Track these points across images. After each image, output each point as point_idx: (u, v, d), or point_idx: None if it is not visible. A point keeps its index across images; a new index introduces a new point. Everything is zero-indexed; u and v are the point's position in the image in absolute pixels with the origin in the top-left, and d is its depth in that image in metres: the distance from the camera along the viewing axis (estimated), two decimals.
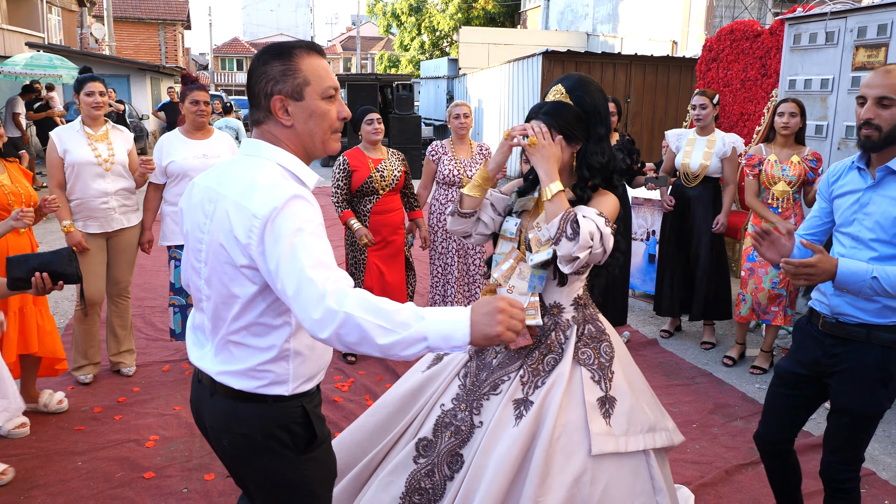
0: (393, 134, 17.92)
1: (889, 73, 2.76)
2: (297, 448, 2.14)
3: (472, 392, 2.81)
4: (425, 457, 2.79)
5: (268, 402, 2.10)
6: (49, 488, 3.85)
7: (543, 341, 2.78)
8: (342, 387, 5.22)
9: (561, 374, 2.68)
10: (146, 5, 42.01)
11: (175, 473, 4.02)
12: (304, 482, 2.19)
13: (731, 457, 4.33)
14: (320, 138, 2.11)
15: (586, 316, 2.84)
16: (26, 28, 23.81)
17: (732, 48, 8.44)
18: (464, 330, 1.82)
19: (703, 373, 5.69)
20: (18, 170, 4.53)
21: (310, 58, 2.07)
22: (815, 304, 3.04)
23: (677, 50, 20.23)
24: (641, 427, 2.70)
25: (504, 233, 2.90)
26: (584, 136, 2.76)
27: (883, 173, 2.82)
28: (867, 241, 2.83)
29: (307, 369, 2.14)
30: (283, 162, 2.07)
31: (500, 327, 1.81)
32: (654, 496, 2.68)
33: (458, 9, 34.16)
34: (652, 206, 7.24)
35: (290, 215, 1.91)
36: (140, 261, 8.99)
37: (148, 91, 26.56)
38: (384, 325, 1.80)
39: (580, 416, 2.62)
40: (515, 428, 2.62)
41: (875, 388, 2.87)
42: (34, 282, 2.93)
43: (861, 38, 5.98)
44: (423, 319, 1.82)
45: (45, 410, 4.69)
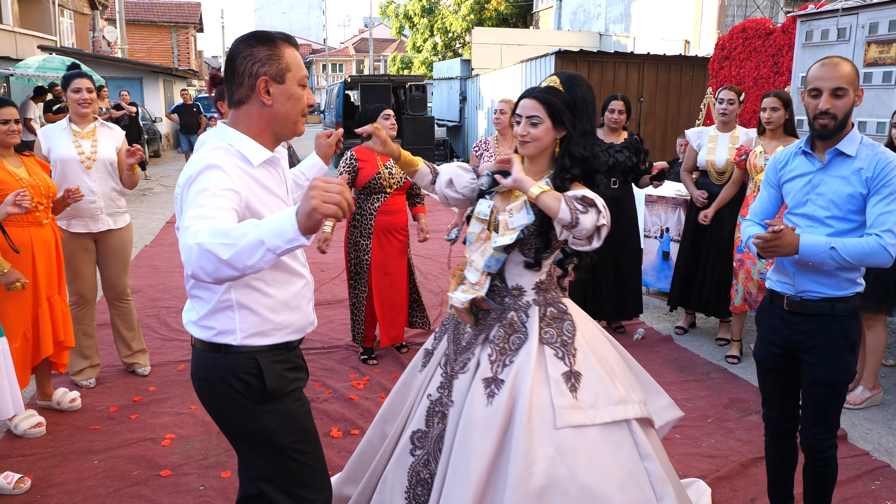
0: (406, 135, 17.93)
1: (838, 66, 2.97)
2: (251, 397, 2.36)
3: (451, 377, 2.91)
4: (421, 448, 2.88)
5: (221, 351, 2.34)
6: (65, 487, 3.88)
7: (503, 319, 2.86)
8: (357, 385, 5.25)
9: (528, 353, 2.75)
10: (159, 8, 42.17)
11: (192, 471, 4.05)
12: (264, 431, 2.39)
13: (746, 450, 4.34)
14: (293, 119, 2.38)
15: (548, 299, 2.90)
16: (39, 31, 23.94)
17: (745, 46, 8.42)
18: (291, 220, 1.88)
19: (717, 368, 5.69)
20: (36, 163, 4.55)
21: (289, 49, 2.33)
22: (776, 285, 3.22)
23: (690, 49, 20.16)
24: (610, 400, 2.74)
25: (478, 214, 2.97)
26: (571, 125, 2.84)
27: (832, 155, 3.03)
28: (822, 218, 3.04)
29: (256, 323, 2.34)
30: (232, 142, 2.31)
31: (314, 201, 1.84)
32: (642, 462, 2.74)
33: (470, 10, 34.14)
34: (665, 203, 7.24)
35: (199, 181, 2.14)
36: (154, 261, 9.09)
37: (161, 94, 26.67)
38: (225, 242, 1.90)
39: (547, 391, 2.69)
40: (490, 407, 2.68)
41: (845, 356, 3.08)
42: None
43: (873, 34, 5.96)
44: (257, 227, 1.92)
45: (59, 408, 4.73)
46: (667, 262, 7.27)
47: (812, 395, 3.17)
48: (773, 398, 3.36)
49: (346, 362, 5.69)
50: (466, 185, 3.08)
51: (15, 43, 21.60)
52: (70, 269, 4.95)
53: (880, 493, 3.92)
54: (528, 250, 2.86)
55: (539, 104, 2.81)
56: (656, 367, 5.66)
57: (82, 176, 4.89)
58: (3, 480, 3.84)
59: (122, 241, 5.18)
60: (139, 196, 14.56)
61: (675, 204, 7.13)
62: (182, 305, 7.16)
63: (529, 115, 2.83)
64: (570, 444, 2.61)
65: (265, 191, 2.33)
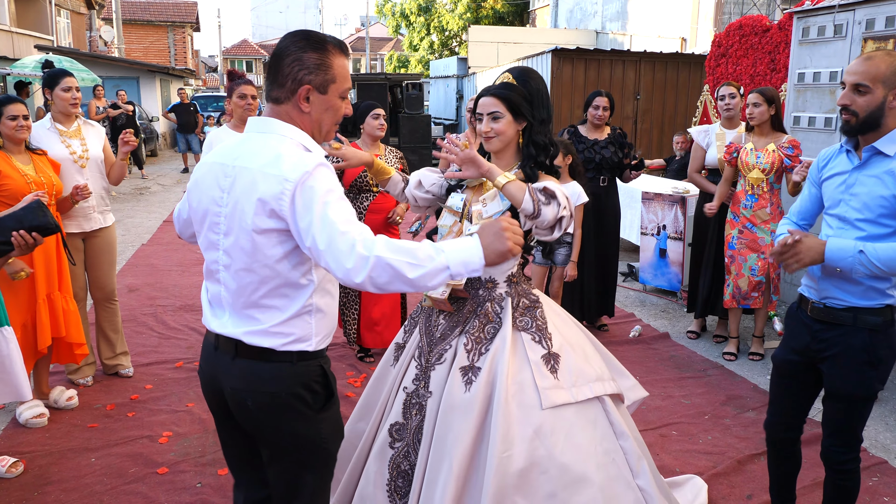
0: (403, 133, 17.92)
1: (868, 61, 2.81)
2: (315, 406, 2.30)
3: (427, 368, 2.92)
4: (400, 440, 2.90)
5: (292, 360, 2.25)
6: (63, 484, 3.88)
7: (479, 311, 2.89)
8: (354, 382, 5.25)
9: (503, 340, 2.79)
10: (155, 8, 42.12)
11: (189, 469, 4.05)
12: (321, 439, 2.34)
13: (743, 447, 4.34)
14: (327, 129, 2.34)
15: (519, 291, 2.94)
16: (35, 31, 23.92)
17: (741, 44, 8.43)
18: (478, 253, 2.07)
19: (714, 365, 5.69)
20: (45, 161, 4.54)
21: (339, 57, 2.26)
22: (805, 290, 3.10)
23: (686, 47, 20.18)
24: (588, 378, 2.81)
25: (451, 206, 3.02)
26: (530, 115, 2.91)
27: (869, 153, 2.88)
28: (853, 220, 2.89)
29: (326, 325, 2.33)
30: (300, 139, 2.24)
31: (509, 242, 2.06)
32: (617, 440, 2.81)
33: (466, 8, 34.14)
34: (662, 200, 7.24)
35: (320, 178, 2.11)
36: (151, 260, 9.09)
37: (158, 93, 26.64)
38: (411, 262, 2.02)
39: (529, 374, 2.73)
40: (467, 394, 2.72)
41: (864, 371, 2.93)
42: (15, 241, 2.91)
43: (869, 31, 5.96)
44: (442, 252, 2.05)
45: (55, 406, 4.71)
46: (664, 260, 7.28)
47: (830, 408, 3.06)
48: (779, 404, 3.26)
49: (342, 360, 5.69)
50: (434, 182, 3.15)
51: (12, 42, 21.57)
52: None
53: (878, 489, 3.92)
54: None
55: (497, 100, 2.89)
56: (653, 365, 5.66)
57: (76, 175, 4.83)
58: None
59: (109, 240, 5.16)
60: (136, 195, 14.54)
61: (671, 201, 7.13)
62: (179, 304, 7.16)
63: (490, 112, 2.90)
64: (549, 424, 2.66)
65: None
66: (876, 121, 2.81)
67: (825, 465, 3.15)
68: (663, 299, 7.50)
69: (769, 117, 5.35)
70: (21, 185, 4.22)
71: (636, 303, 7.43)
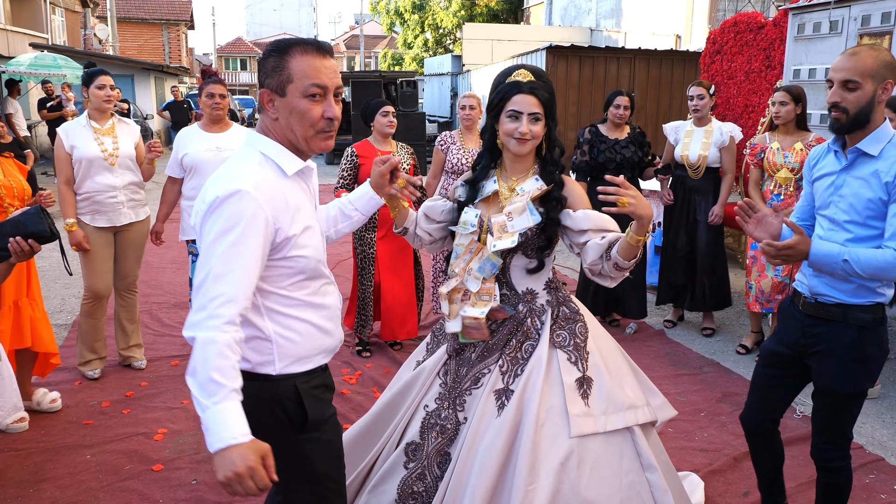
0: (398, 130, 17.86)
1: (854, 56, 2.79)
2: (293, 426, 2.24)
3: (454, 389, 2.79)
4: (414, 460, 2.77)
5: (259, 380, 2.20)
6: (58, 481, 3.87)
7: (520, 328, 2.77)
8: (350, 379, 5.24)
9: (539, 360, 2.68)
10: (149, 6, 42.03)
11: (184, 465, 4.04)
12: (305, 460, 2.28)
13: (739, 444, 4.34)
14: (301, 135, 2.18)
15: (559, 298, 2.84)
16: (30, 29, 23.86)
17: (736, 40, 8.43)
18: (215, 445, 1.89)
19: (710, 362, 5.70)
20: (13, 164, 4.54)
21: (303, 56, 2.13)
22: (798, 285, 3.10)
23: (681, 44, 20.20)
24: (620, 405, 2.68)
25: (464, 226, 2.83)
26: (552, 118, 2.77)
27: (854, 155, 2.87)
28: (842, 222, 2.88)
29: (295, 351, 2.24)
30: (264, 149, 2.19)
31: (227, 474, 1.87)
32: (644, 473, 2.66)
33: (461, 6, 34.14)
34: (657, 197, 7.24)
35: (225, 210, 2.02)
36: (146, 258, 9.01)
37: (152, 91, 26.59)
38: (200, 369, 1.92)
39: (561, 399, 2.62)
40: (498, 419, 2.62)
41: (853, 368, 2.92)
42: (12, 247, 2.89)
43: (865, 27, 5.97)
44: (216, 405, 1.90)
45: (38, 409, 4.66)
46: (658, 257, 7.27)
47: (818, 404, 3.07)
48: (758, 395, 3.26)
49: (337, 357, 5.67)
50: (442, 209, 2.99)
51: (7, 40, 21.50)
52: (88, 264, 4.99)
53: (874, 487, 3.93)
54: (531, 251, 2.77)
55: (538, 101, 2.69)
56: (649, 362, 5.66)
57: (105, 173, 4.94)
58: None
59: (141, 233, 5.27)
60: None
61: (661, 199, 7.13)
62: (174, 301, 7.17)
63: (532, 112, 2.69)
64: (576, 455, 2.55)
65: (293, 206, 2.17)
66: (866, 116, 2.79)
67: (815, 463, 3.15)
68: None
69: (794, 116, 5.30)
70: None
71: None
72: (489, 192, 2.84)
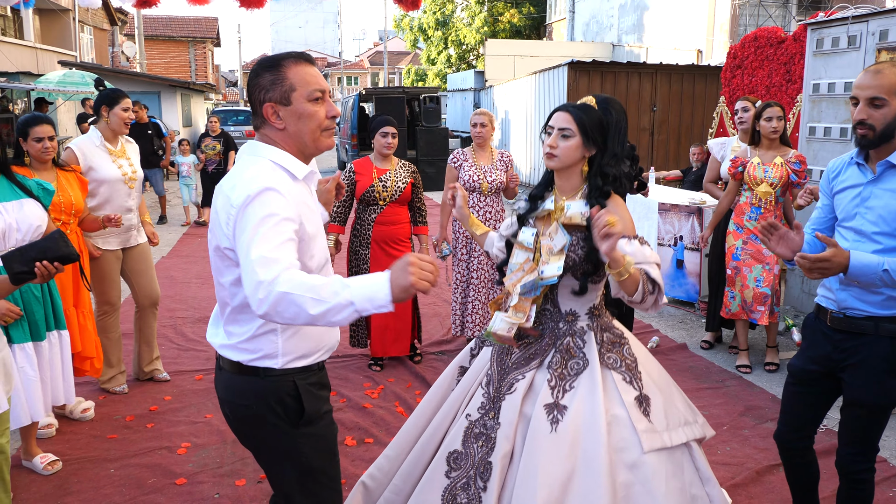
0: (420, 146, 18.01)
1: (878, 74, 2.83)
2: (290, 420, 2.36)
3: (496, 399, 2.81)
4: (458, 469, 2.77)
5: (260, 375, 2.33)
6: (82, 495, 3.93)
7: (559, 344, 2.80)
8: (372, 394, 5.27)
9: (592, 379, 2.69)
10: (176, 24, 42.51)
11: (207, 479, 4.09)
12: (300, 454, 2.39)
13: (761, 458, 4.33)
14: (310, 137, 2.34)
15: (602, 324, 2.86)
16: (59, 47, 24.22)
17: (757, 55, 8.42)
18: (385, 289, 2.00)
19: (732, 376, 5.68)
20: (75, 179, 4.60)
21: (297, 66, 2.30)
22: (822, 300, 3.09)
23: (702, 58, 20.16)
24: (678, 421, 2.74)
25: (522, 243, 2.89)
26: (601, 144, 2.81)
27: (883, 167, 2.88)
28: (870, 234, 2.88)
29: (298, 346, 2.36)
30: (273, 158, 2.31)
31: (412, 277, 1.98)
32: (703, 486, 2.72)
33: (484, 22, 34.26)
34: (679, 211, 7.24)
35: (259, 204, 2.15)
36: (171, 272, 9.17)
37: (178, 107, 26.87)
38: (315, 298, 1.99)
39: (625, 416, 2.64)
40: (554, 433, 2.62)
41: (886, 380, 2.93)
42: (38, 270, 2.99)
43: (883, 41, 5.96)
44: (347, 287, 2.01)
45: (70, 417, 4.77)
46: (681, 270, 7.28)
47: (848, 416, 3.05)
48: (792, 413, 3.23)
49: (360, 371, 5.73)
50: (507, 226, 3.07)
51: (36, 58, 21.85)
52: (103, 280, 5.05)
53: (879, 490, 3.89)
54: (580, 274, 2.78)
55: (572, 118, 2.77)
56: (672, 375, 5.62)
57: (124, 197, 4.98)
58: (39, 460, 4.10)
59: (147, 251, 5.30)
60: (156, 207, 14.67)
61: (688, 212, 7.14)
62: (199, 316, 7.22)
63: (562, 128, 2.78)
64: (646, 470, 2.57)
65: (308, 207, 2.33)
66: (892, 131, 2.82)
67: (840, 473, 3.13)
68: (680, 310, 7.49)
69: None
70: None
71: (653, 314, 7.42)
72: (545, 211, 2.90)
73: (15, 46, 20.56)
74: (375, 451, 4.37)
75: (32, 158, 4.40)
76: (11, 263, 3.00)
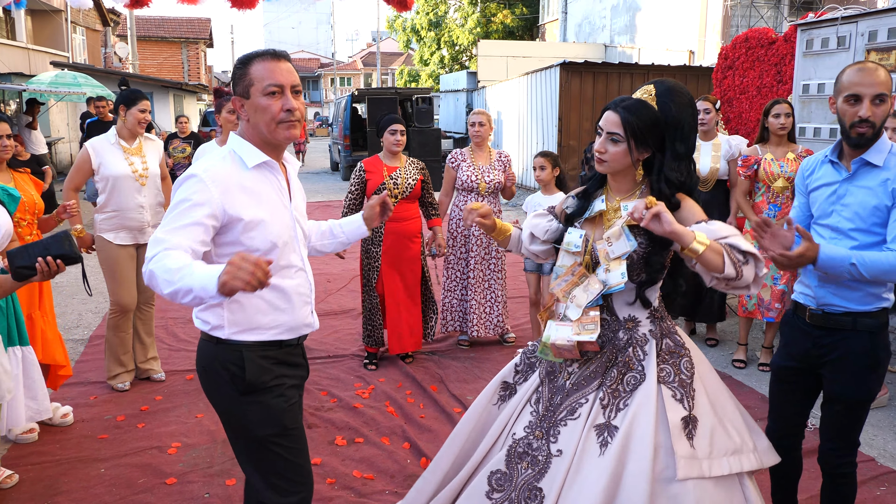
0: (413, 147, 18.02)
1: (876, 72, 2.86)
2: (236, 387, 2.53)
3: (547, 418, 2.64)
4: (500, 491, 2.63)
5: (213, 342, 2.55)
6: (72, 494, 3.92)
7: (620, 358, 2.62)
8: (363, 394, 5.28)
9: (647, 396, 2.50)
10: (169, 24, 42.44)
11: (197, 479, 4.08)
12: (247, 421, 2.55)
13: None
14: (266, 128, 2.49)
15: (663, 329, 2.66)
16: (51, 48, 24.18)
17: (748, 56, 8.46)
18: (213, 282, 2.08)
19: (722, 376, 5.63)
20: (28, 180, 4.64)
21: (262, 63, 2.48)
22: (799, 297, 3.14)
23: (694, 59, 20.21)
24: (725, 450, 2.50)
25: (568, 246, 2.71)
26: (658, 145, 2.57)
27: (858, 165, 2.94)
28: (846, 230, 2.94)
29: (243, 319, 2.52)
30: (234, 147, 2.54)
31: (224, 276, 2.05)
32: None
33: (476, 23, 34.27)
34: None
35: (181, 190, 2.38)
36: None
37: (171, 108, 26.87)
38: (168, 279, 2.15)
39: (667, 438, 2.45)
40: (602, 457, 2.45)
41: (865, 374, 2.98)
42: (40, 266, 3.00)
43: (872, 42, 6.00)
44: (192, 275, 2.13)
45: (49, 423, 4.71)
46: None
47: (830, 412, 3.09)
48: (779, 410, 3.28)
49: (351, 372, 5.73)
50: (547, 228, 2.89)
51: (28, 59, 21.81)
52: (114, 279, 5.07)
53: (885, 499, 3.92)
54: (636, 278, 2.60)
55: (620, 122, 2.53)
56: None
57: (134, 192, 5.02)
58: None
59: None
60: None
61: None
62: (189, 316, 7.21)
63: (611, 132, 2.55)
64: (689, 498, 2.39)
65: (254, 194, 2.48)
66: (881, 129, 2.89)
67: (824, 470, 3.17)
68: None
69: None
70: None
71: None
72: (595, 212, 2.71)
73: (7, 47, 20.52)
74: (365, 450, 4.39)
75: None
76: (14, 259, 3.03)
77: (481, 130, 6.03)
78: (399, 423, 4.79)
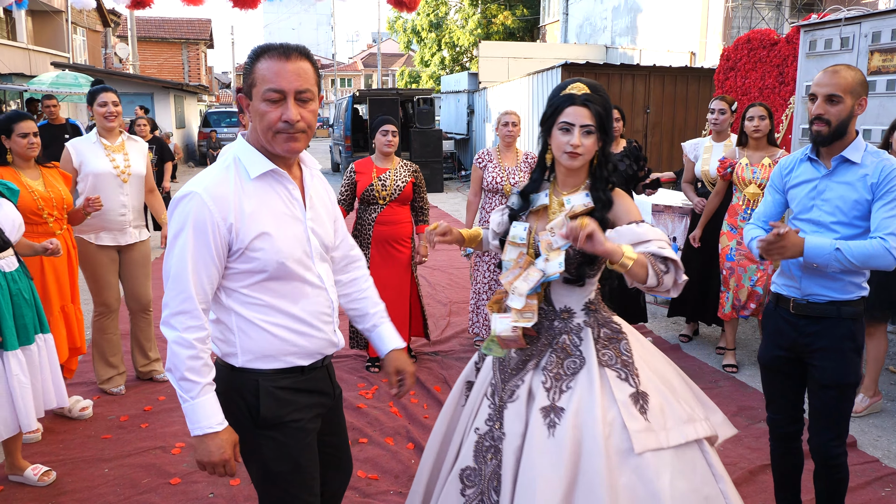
0: (414, 148, 18.02)
1: (836, 74, 3.06)
2: (251, 418, 2.34)
3: (500, 407, 2.70)
4: (472, 486, 2.66)
5: (227, 369, 2.35)
6: (76, 494, 3.93)
7: (554, 343, 2.69)
8: (366, 394, 5.28)
9: (589, 378, 2.57)
10: (170, 25, 42.48)
11: (201, 479, 4.08)
12: (259, 455, 2.38)
13: (754, 457, 4.35)
14: (263, 137, 2.23)
15: (599, 319, 2.73)
16: (52, 48, 24.22)
17: (750, 57, 8.46)
18: (198, 430, 2.18)
19: (725, 376, 5.70)
20: (58, 175, 4.63)
21: (269, 60, 2.18)
22: (781, 289, 3.30)
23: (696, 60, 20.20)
24: (679, 419, 2.56)
25: (513, 238, 2.77)
26: (606, 133, 2.66)
27: (837, 162, 3.12)
28: (828, 224, 3.11)
29: (257, 348, 2.31)
30: (238, 152, 2.29)
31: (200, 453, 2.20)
32: (717, 484, 2.58)
33: (477, 24, 34.25)
34: (672, 212, 7.26)
35: (180, 210, 2.19)
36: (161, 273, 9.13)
37: (172, 109, 26.86)
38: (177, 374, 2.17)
39: (617, 415, 2.50)
40: (552, 438, 2.50)
41: (853, 357, 3.16)
42: None
43: (876, 43, 6.00)
44: (192, 399, 2.17)
45: (69, 416, 4.77)
46: None
47: (820, 400, 3.19)
48: (778, 400, 3.40)
49: (354, 371, 5.73)
50: (499, 221, 2.92)
51: (29, 59, 21.83)
52: (97, 281, 5.04)
53: (891, 500, 3.93)
54: (572, 267, 2.65)
55: (591, 114, 2.59)
56: None
57: (116, 190, 4.96)
58: (31, 472, 4.00)
59: (144, 253, 5.26)
60: None
61: (682, 213, 7.15)
62: None
63: (584, 125, 2.59)
64: (650, 469, 2.43)
65: (261, 205, 2.25)
66: (844, 128, 3.06)
67: (815, 460, 3.26)
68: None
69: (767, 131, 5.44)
70: (28, 201, 4.30)
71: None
72: (539, 205, 2.78)
73: (7, 48, 20.54)
74: (370, 451, 4.38)
75: (16, 156, 4.41)
76: None
77: (514, 131, 5.92)
78: (403, 423, 4.79)
